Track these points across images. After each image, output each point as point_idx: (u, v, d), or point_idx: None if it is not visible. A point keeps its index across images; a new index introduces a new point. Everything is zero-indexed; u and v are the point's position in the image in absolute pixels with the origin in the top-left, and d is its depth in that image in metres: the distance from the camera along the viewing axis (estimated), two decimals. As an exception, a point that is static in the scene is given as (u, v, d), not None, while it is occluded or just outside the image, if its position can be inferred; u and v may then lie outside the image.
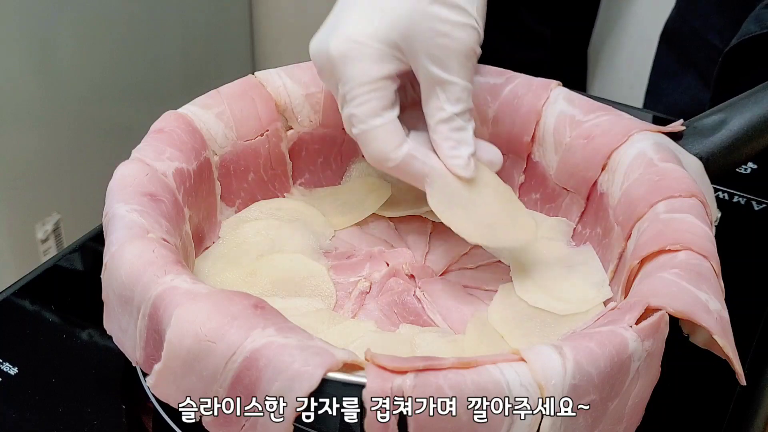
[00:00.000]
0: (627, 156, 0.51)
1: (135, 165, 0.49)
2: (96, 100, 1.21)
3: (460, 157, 0.50)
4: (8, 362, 0.49)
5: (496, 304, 0.51)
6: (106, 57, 1.21)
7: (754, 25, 0.69)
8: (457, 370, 0.37)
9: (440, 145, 0.50)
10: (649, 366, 0.40)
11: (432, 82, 0.49)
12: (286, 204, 0.58)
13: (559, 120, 0.55)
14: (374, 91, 0.49)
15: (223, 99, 0.55)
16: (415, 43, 0.48)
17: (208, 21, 1.40)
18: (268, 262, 0.52)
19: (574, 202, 0.56)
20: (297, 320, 0.40)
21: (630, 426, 0.42)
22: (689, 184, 0.48)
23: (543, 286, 0.51)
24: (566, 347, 0.38)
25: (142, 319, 0.41)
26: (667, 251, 0.44)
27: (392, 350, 0.41)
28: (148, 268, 0.41)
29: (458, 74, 0.49)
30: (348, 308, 0.51)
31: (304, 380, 0.36)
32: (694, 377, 0.50)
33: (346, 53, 0.48)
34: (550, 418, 0.37)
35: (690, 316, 0.40)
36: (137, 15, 1.24)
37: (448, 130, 0.50)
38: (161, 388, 0.40)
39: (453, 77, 0.49)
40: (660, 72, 0.92)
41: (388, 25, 0.48)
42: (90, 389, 0.48)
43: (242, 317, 0.38)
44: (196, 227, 0.52)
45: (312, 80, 0.58)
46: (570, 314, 0.50)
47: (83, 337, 0.52)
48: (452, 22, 0.48)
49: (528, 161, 0.58)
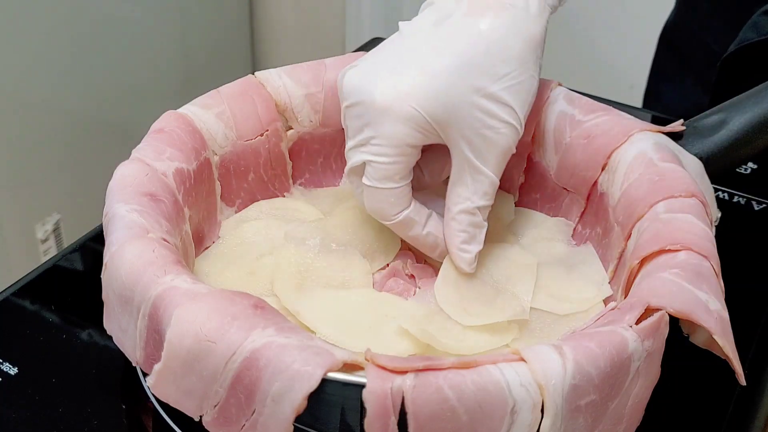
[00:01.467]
0: (627, 156, 0.51)
1: (135, 165, 0.49)
2: (96, 100, 1.21)
3: (469, 252, 0.50)
4: (8, 362, 0.50)
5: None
6: (106, 57, 1.21)
7: (751, 32, 0.69)
8: (457, 370, 0.37)
9: (454, 235, 0.50)
10: (649, 366, 0.40)
11: (465, 167, 0.49)
12: (286, 204, 0.58)
13: (559, 120, 0.55)
14: (401, 155, 0.48)
15: (223, 99, 0.55)
16: (458, 125, 0.47)
17: (208, 21, 1.40)
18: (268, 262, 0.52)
19: (574, 202, 0.56)
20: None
21: (630, 426, 0.42)
22: (689, 184, 0.48)
23: (543, 286, 0.51)
24: (566, 347, 0.38)
25: (142, 319, 0.41)
26: (667, 251, 0.44)
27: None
28: (148, 268, 0.41)
29: (492, 168, 0.49)
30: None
31: (304, 380, 0.36)
32: (694, 377, 0.50)
33: (392, 108, 0.47)
34: (550, 418, 0.37)
35: (690, 316, 0.40)
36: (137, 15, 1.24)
37: (467, 223, 0.50)
38: (161, 388, 0.40)
39: (487, 170, 0.49)
40: (658, 74, 0.92)
41: (437, 97, 0.47)
42: (90, 389, 0.49)
43: (242, 317, 0.39)
44: (196, 227, 0.52)
45: (312, 80, 0.58)
46: (570, 314, 0.50)
47: (83, 337, 0.52)
48: (500, 118, 0.48)
49: (528, 161, 0.58)
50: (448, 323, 0.48)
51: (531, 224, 0.57)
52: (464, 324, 0.48)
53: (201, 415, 0.40)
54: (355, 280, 0.51)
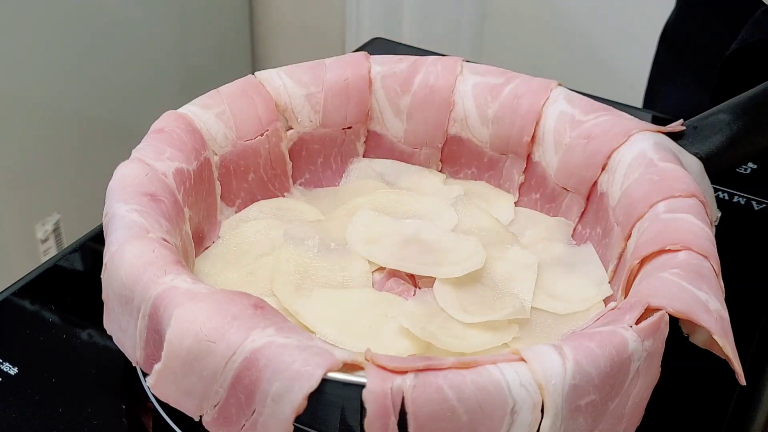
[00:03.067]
0: (627, 156, 0.51)
1: (135, 165, 0.49)
2: (96, 100, 1.21)
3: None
4: (8, 362, 0.49)
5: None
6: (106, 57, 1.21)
7: (753, 30, 0.69)
8: (457, 370, 0.37)
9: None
10: (649, 366, 0.40)
11: None
12: (286, 204, 0.58)
13: (559, 120, 0.55)
14: None
15: (223, 99, 0.55)
16: None
17: (208, 21, 1.40)
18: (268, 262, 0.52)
19: (574, 202, 0.56)
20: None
21: (630, 426, 0.42)
22: (689, 184, 0.48)
23: (543, 286, 0.51)
24: (566, 347, 0.38)
25: (142, 319, 0.41)
26: (667, 251, 0.44)
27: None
28: (148, 268, 0.41)
29: None
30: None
31: (304, 380, 0.36)
32: (694, 377, 0.50)
33: None
34: (550, 418, 0.37)
35: (690, 316, 0.40)
36: (137, 15, 1.24)
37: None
38: (161, 388, 0.40)
39: None
40: (659, 75, 0.92)
41: None
42: (90, 389, 0.49)
43: (242, 317, 0.39)
44: (196, 227, 0.52)
45: (312, 80, 0.58)
46: (570, 313, 0.50)
47: (83, 337, 0.52)
48: None
49: (528, 161, 0.58)
50: (448, 322, 0.48)
51: (531, 224, 0.57)
52: (465, 322, 0.48)
53: (201, 415, 0.40)
54: (355, 280, 0.51)
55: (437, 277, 0.50)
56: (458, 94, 0.59)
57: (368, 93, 0.59)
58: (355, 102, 0.59)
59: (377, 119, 0.60)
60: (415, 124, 0.60)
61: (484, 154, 0.60)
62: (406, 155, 0.61)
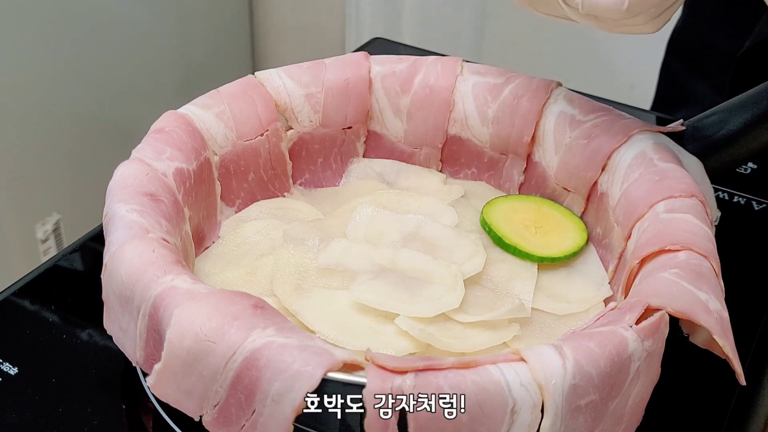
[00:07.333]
0: (627, 156, 0.51)
1: (135, 165, 0.49)
2: (96, 100, 1.21)
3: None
4: (8, 362, 0.49)
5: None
6: (106, 57, 1.21)
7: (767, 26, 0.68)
8: (457, 370, 0.37)
9: None
10: (649, 366, 0.40)
11: None
12: (286, 204, 0.58)
13: (559, 120, 0.55)
14: None
15: (223, 99, 0.55)
16: None
17: (208, 21, 1.40)
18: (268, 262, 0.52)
19: (574, 202, 0.56)
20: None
21: (630, 426, 0.42)
22: (689, 184, 0.48)
23: (543, 287, 0.51)
24: (566, 347, 0.38)
25: (142, 319, 0.41)
26: (667, 251, 0.44)
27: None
28: (148, 268, 0.41)
29: None
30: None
31: (304, 380, 0.36)
32: (694, 377, 0.50)
33: None
34: (550, 418, 0.37)
35: (690, 316, 0.40)
36: (137, 15, 1.24)
37: None
38: (161, 388, 0.40)
39: None
40: (669, 83, 0.90)
41: None
42: (90, 389, 0.48)
43: (242, 317, 0.39)
44: (196, 227, 0.52)
45: (312, 80, 0.58)
46: (570, 314, 0.50)
47: (83, 337, 0.52)
48: None
49: (528, 161, 0.58)
50: (448, 322, 0.48)
51: (531, 224, 0.57)
52: (464, 322, 0.48)
53: (201, 415, 0.40)
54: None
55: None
56: (458, 94, 0.59)
57: (368, 93, 0.59)
58: (355, 102, 0.59)
59: (377, 119, 0.60)
60: (415, 124, 0.60)
61: (484, 154, 0.60)
62: (406, 155, 0.61)
